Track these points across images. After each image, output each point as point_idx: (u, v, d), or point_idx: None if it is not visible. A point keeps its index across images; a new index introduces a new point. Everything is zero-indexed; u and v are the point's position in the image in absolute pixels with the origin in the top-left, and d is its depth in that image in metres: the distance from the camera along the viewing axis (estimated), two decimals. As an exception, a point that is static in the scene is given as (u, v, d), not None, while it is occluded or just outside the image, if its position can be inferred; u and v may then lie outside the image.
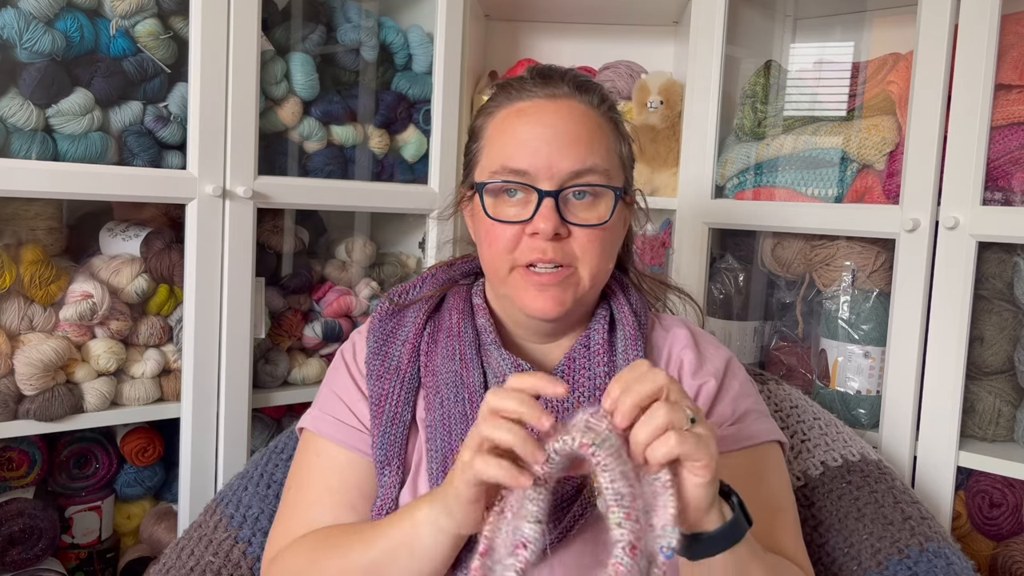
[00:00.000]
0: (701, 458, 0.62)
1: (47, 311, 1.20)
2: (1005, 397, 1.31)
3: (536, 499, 0.62)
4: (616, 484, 0.60)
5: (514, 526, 0.62)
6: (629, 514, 0.59)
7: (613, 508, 0.59)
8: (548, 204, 0.82)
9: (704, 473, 0.63)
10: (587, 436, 0.61)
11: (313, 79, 1.40)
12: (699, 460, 0.62)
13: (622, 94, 1.72)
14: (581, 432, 0.61)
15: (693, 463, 0.63)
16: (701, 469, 0.63)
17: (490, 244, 0.87)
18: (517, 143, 0.84)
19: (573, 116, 0.85)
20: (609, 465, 0.60)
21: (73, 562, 1.35)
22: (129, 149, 1.24)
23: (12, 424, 1.17)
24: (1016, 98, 1.24)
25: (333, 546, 0.83)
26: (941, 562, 0.99)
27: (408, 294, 0.98)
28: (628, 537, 0.58)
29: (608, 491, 0.60)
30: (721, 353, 0.96)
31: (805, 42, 1.64)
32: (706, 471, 0.63)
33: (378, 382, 0.91)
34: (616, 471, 0.60)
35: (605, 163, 0.85)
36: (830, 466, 1.12)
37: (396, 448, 0.87)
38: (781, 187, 1.48)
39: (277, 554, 0.88)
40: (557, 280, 0.84)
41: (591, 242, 0.85)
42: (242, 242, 1.29)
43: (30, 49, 1.13)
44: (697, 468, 0.63)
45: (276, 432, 1.50)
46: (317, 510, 0.88)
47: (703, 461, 0.62)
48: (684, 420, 0.63)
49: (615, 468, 0.60)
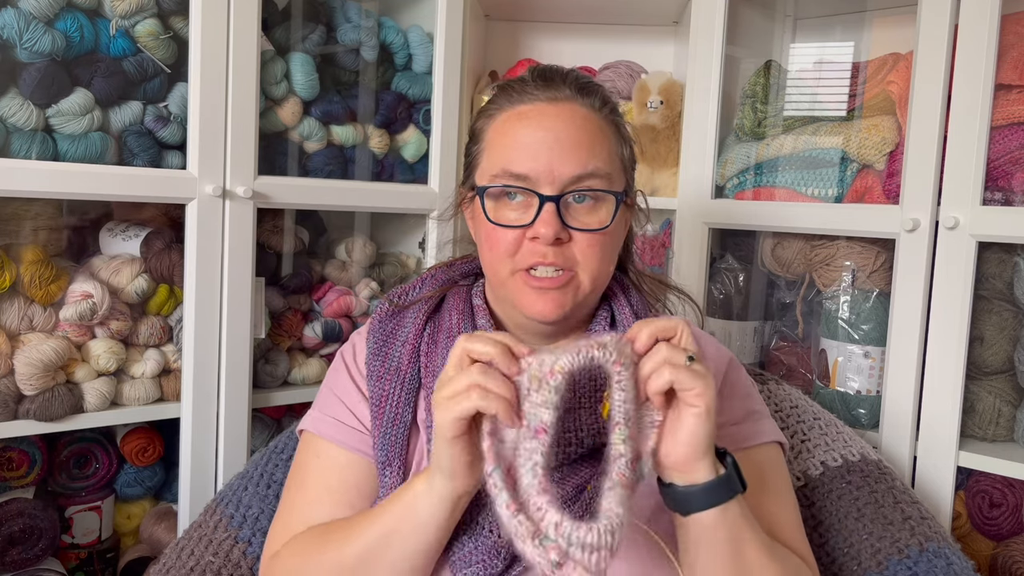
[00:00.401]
0: (695, 387, 0.68)
1: (47, 311, 1.20)
2: (1005, 397, 1.31)
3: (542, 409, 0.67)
4: (627, 405, 0.66)
5: (529, 413, 0.66)
6: (632, 435, 0.66)
7: (621, 426, 0.66)
8: (549, 209, 0.82)
9: (698, 401, 0.68)
10: (620, 355, 0.67)
11: (313, 79, 1.40)
12: (692, 388, 0.68)
13: (622, 94, 1.72)
14: (617, 351, 0.68)
15: (687, 392, 0.68)
16: (695, 397, 0.68)
17: (491, 247, 0.87)
18: (518, 147, 0.84)
19: (574, 120, 0.85)
20: (626, 387, 0.67)
21: (73, 562, 1.35)
22: (129, 149, 1.24)
23: (12, 424, 1.17)
24: (1016, 98, 1.24)
25: (331, 538, 0.83)
26: (941, 562, 0.99)
27: (408, 295, 0.98)
28: (630, 454, 0.65)
29: (619, 411, 0.66)
30: (722, 354, 0.96)
31: (805, 42, 1.64)
32: (700, 399, 0.68)
33: (378, 383, 0.91)
34: (631, 394, 0.67)
35: (606, 167, 0.85)
36: (830, 466, 1.12)
37: (397, 449, 0.87)
38: (781, 187, 1.48)
39: (276, 552, 0.88)
40: (557, 285, 0.84)
41: (591, 247, 0.85)
42: (242, 242, 1.29)
43: (30, 49, 1.13)
44: (691, 396, 0.68)
45: (276, 432, 1.50)
46: (316, 509, 0.88)
47: (696, 389, 0.68)
48: (682, 357, 0.69)
49: (631, 390, 0.67)
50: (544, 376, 0.66)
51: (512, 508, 0.62)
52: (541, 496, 0.62)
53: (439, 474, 0.73)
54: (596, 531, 0.60)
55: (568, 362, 0.66)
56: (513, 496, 0.63)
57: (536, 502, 0.62)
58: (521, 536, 0.61)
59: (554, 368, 0.66)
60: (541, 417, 0.65)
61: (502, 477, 0.64)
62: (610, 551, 0.60)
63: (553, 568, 0.60)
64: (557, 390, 0.65)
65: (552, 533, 0.60)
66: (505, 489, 0.64)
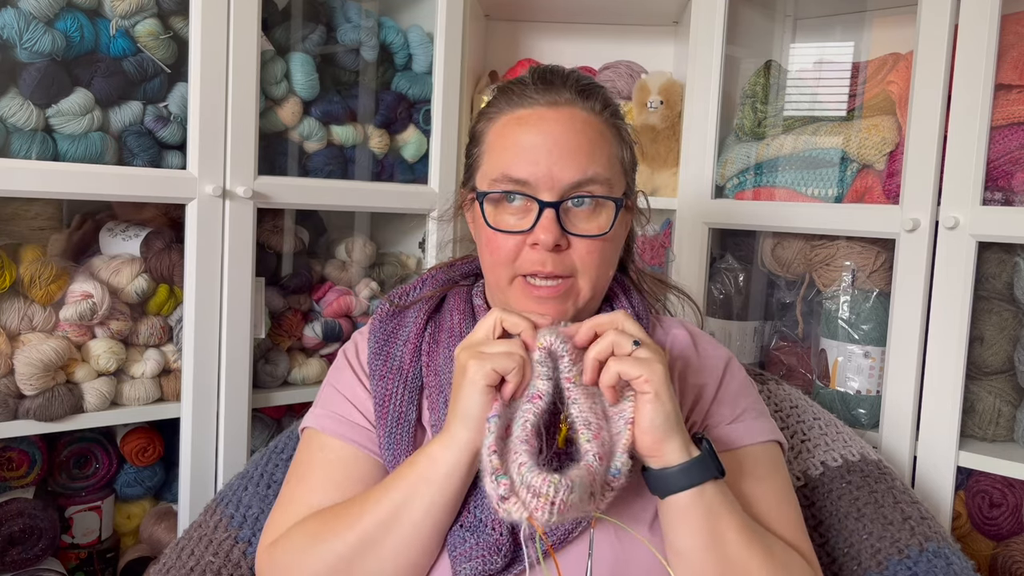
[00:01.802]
0: (640, 373, 0.73)
1: (47, 311, 1.20)
2: (1005, 397, 1.31)
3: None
4: (585, 414, 0.73)
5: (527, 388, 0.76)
6: (597, 435, 0.72)
7: (582, 430, 0.72)
8: (549, 215, 0.82)
9: (647, 387, 0.73)
10: (574, 373, 0.76)
11: (313, 79, 1.40)
12: (639, 375, 0.73)
13: (622, 94, 1.72)
14: (577, 369, 0.76)
15: (635, 380, 0.73)
16: (644, 383, 0.73)
17: (491, 252, 0.87)
18: (517, 152, 0.84)
19: (574, 125, 0.84)
20: (579, 400, 0.74)
21: (73, 562, 1.35)
22: (129, 149, 1.24)
23: (12, 424, 1.17)
24: (1016, 98, 1.24)
25: (343, 511, 0.82)
26: (941, 562, 0.99)
27: (408, 295, 0.98)
28: (596, 449, 0.71)
29: (579, 419, 0.73)
30: (720, 353, 0.96)
31: (805, 42, 1.64)
32: (648, 384, 0.73)
33: (381, 382, 0.91)
34: (584, 405, 0.74)
35: (606, 172, 0.85)
36: (830, 466, 1.12)
37: (404, 448, 0.87)
38: (781, 187, 1.48)
39: (275, 540, 0.87)
40: (556, 294, 0.84)
41: (591, 253, 0.85)
42: (242, 242, 1.29)
43: (30, 49, 1.13)
44: (640, 383, 0.73)
45: (276, 432, 1.50)
46: (319, 498, 0.87)
47: (643, 375, 0.73)
48: (627, 343, 0.75)
49: (584, 403, 0.74)
50: (540, 348, 0.76)
51: (491, 448, 0.70)
52: (522, 445, 0.70)
53: (460, 425, 0.77)
54: (544, 478, 0.66)
55: (547, 341, 0.76)
56: (497, 442, 0.71)
57: (516, 448, 0.70)
58: (486, 470, 0.69)
59: (538, 344, 0.76)
60: (537, 385, 0.74)
61: (497, 424, 0.72)
62: (549, 503, 0.65)
63: (499, 501, 0.67)
64: (543, 363, 0.75)
65: (515, 471, 0.68)
66: (494, 433, 0.71)
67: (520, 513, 0.66)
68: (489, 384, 0.74)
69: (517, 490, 0.67)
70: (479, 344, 0.77)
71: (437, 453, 0.78)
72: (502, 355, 0.75)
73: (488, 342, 0.77)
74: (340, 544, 0.80)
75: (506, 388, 0.75)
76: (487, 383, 0.74)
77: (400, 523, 0.78)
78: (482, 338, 0.79)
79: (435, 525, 0.79)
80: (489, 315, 0.79)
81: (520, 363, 0.74)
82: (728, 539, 0.76)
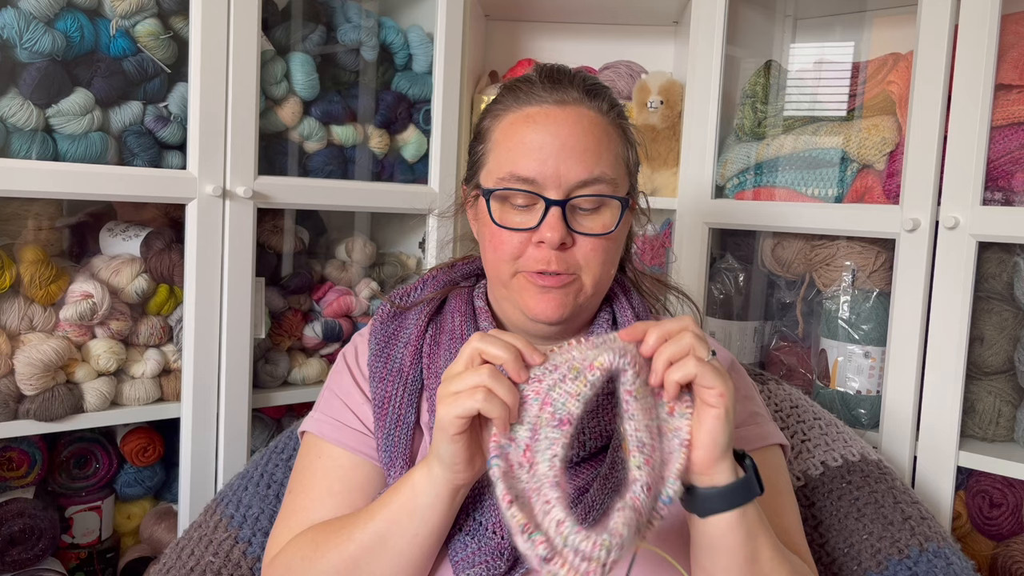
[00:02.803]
0: (715, 385, 0.66)
1: (47, 311, 1.20)
2: (1005, 397, 1.31)
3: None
4: (640, 433, 0.65)
5: (552, 406, 0.66)
6: (648, 460, 0.64)
7: (634, 452, 0.64)
8: (555, 213, 0.82)
9: (719, 402, 0.67)
10: (637, 385, 0.67)
11: (313, 79, 1.40)
12: (714, 387, 0.66)
13: (622, 94, 1.71)
14: (641, 381, 0.67)
15: (708, 391, 0.67)
16: (716, 397, 0.67)
17: (495, 249, 0.87)
18: (525, 150, 0.84)
19: (582, 124, 0.84)
20: (636, 415, 0.66)
21: (73, 562, 1.35)
22: (129, 149, 1.24)
23: (12, 424, 1.17)
24: (1016, 98, 1.24)
25: (334, 531, 0.83)
26: (941, 562, 0.99)
27: (409, 296, 0.98)
28: (646, 479, 0.63)
29: (632, 438, 0.65)
30: (722, 356, 0.96)
31: (805, 42, 1.64)
32: (721, 399, 0.67)
33: (381, 384, 0.91)
34: (642, 422, 0.66)
35: (612, 172, 0.85)
36: (830, 466, 1.12)
37: (401, 450, 0.87)
38: (781, 187, 1.48)
39: (276, 555, 0.88)
40: (560, 284, 0.84)
41: (595, 251, 0.85)
42: (242, 242, 1.29)
43: (30, 49, 1.13)
44: (712, 396, 0.67)
45: (276, 432, 1.50)
46: (319, 510, 0.88)
47: (718, 388, 0.67)
48: (706, 351, 0.68)
49: (641, 419, 0.66)
50: (584, 368, 0.66)
51: (507, 500, 0.63)
52: (553, 490, 0.62)
53: (438, 465, 0.73)
54: (593, 541, 0.59)
55: (608, 360, 0.66)
56: (509, 487, 0.64)
57: (547, 495, 0.62)
58: (513, 528, 0.62)
59: (594, 363, 0.66)
60: (569, 408, 0.65)
61: (501, 469, 0.65)
62: (601, 566, 0.59)
63: (542, 561, 0.60)
64: (593, 385, 0.65)
65: (553, 530, 0.60)
66: (502, 480, 0.64)
67: (568, 573, 0.60)
68: (457, 432, 0.69)
69: (561, 551, 0.60)
70: (450, 380, 0.71)
71: (419, 484, 0.76)
72: (464, 394, 0.68)
73: (456, 378, 0.70)
74: (328, 566, 0.80)
75: (496, 423, 0.68)
76: (454, 432, 0.69)
77: (385, 550, 0.78)
78: (458, 371, 0.71)
79: (420, 552, 0.78)
80: (468, 343, 0.72)
81: (484, 397, 0.67)
82: (763, 559, 0.73)
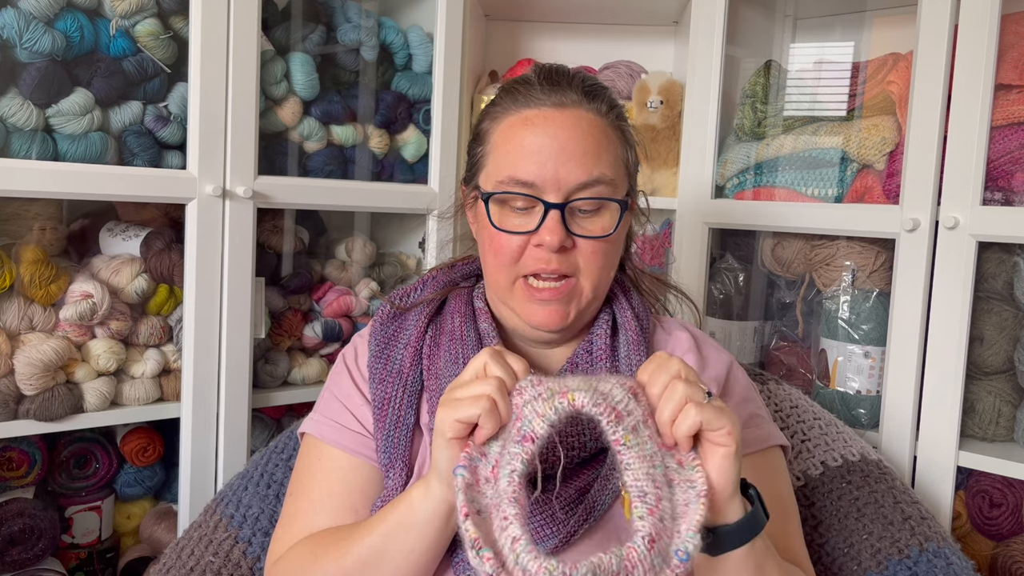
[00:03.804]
0: (723, 424, 0.65)
1: (47, 311, 1.20)
2: (1005, 397, 1.31)
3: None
4: (640, 483, 0.62)
5: (518, 426, 0.65)
6: (652, 511, 0.61)
7: (636, 504, 0.62)
8: (554, 216, 0.82)
9: (728, 440, 0.65)
10: (621, 434, 0.64)
11: (313, 79, 1.40)
12: (722, 427, 0.65)
13: (622, 94, 1.71)
14: (624, 429, 0.64)
15: (716, 432, 0.65)
16: (725, 436, 0.65)
17: (495, 254, 0.86)
18: (524, 153, 0.84)
19: (580, 126, 0.84)
20: (632, 465, 0.63)
21: (73, 562, 1.35)
22: (129, 149, 1.24)
23: (12, 424, 1.17)
24: (1016, 98, 1.24)
25: (333, 543, 0.83)
26: (941, 562, 0.99)
27: (409, 297, 0.98)
28: (649, 530, 0.60)
29: (632, 488, 0.62)
30: (723, 357, 0.96)
31: (805, 42, 1.64)
32: (730, 437, 0.65)
33: (380, 386, 0.91)
34: (640, 471, 0.63)
35: (611, 174, 0.85)
36: (830, 466, 1.12)
37: (400, 451, 0.87)
38: (781, 187, 1.48)
39: (277, 560, 0.88)
40: (559, 296, 0.84)
41: (594, 253, 0.85)
42: (242, 242, 1.29)
43: (30, 49, 1.13)
44: (721, 436, 0.65)
45: (276, 432, 1.50)
46: (319, 514, 0.88)
47: (726, 427, 0.65)
48: (701, 395, 0.67)
49: (639, 468, 0.63)
50: (557, 393, 0.65)
51: (464, 512, 0.62)
52: (511, 506, 0.61)
53: (436, 477, 0.73)
54: (540, 564, 0.57)
55: (585, 400, 0.64)
56: (471, 500, 0.63)
57: (505, 511, 0.61)
58: (465, 542, 0.61)
59: (569, 393, 0.64)
60: (534, 426, 0.64)
61: (464, 479, 0.65)
62: None
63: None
64: (557, 411, 0.64)
65: (507, 547, 0.59)
66: (463, 492, 0.64)
67: None
68: (455, 437, 0.69)
69: (511, 570, 0.58)
70: (457, 387, 0.71)
71: (416, 501, 0.76)
72: (468, 401, 0.68)
73: (461, 385, 0.71)
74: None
75: (478, 434, 0.68)
76: (452, 436, 0.69)
77: (381, 565, 0.78)
78: (464, 380, 0.72)
79: (417, 567, 0.78)
80: (477, 357, 0.73)
81: (488, 407, 0.67)
82: None
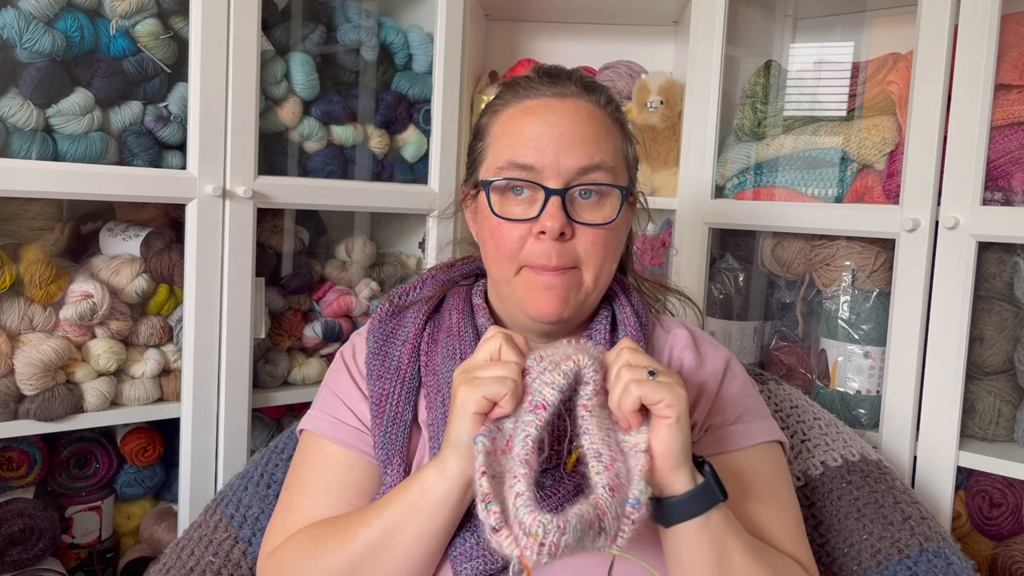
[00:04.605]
0: (662, 397, 0.71)
1: (47, 311, 1.20)
2: (1005, 397, 1.31)
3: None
4: (596, 446, 0.69)
5: (531, 395, 0.72)
6: (608, 467, 0.67)
7: (593, 462, 0.68)
8: (555, 202, 0.82)
9: (669, 411, 0.71)
10: (593, 402, 0.72)
11: (313, 79, 1.40)
12: (660, 399, 0.71)
13: (622, 94, 1.72)
14: (596, 398, 0.73)
15: (656, 405, 0.71)
16: (666, 408, 0.71)
17: (496, 244, 0.87)
18: (524, 139, 0.85)
19: (580, 114, 0.85)
20: (591, 430, 0.70)
21: (73, 562, 1.35)
22: (129, 149, 1.24)
23: (12, 424, 1.17)
24: (1016, 98, 1.24)
25: (336, 530, 0.83)
26: (941, 562, 0.99)
27: (408, 295, 0.98)
28: (607, 481, 0.66)
29: (589, 450, 0.69)
30: (721, 354, 0.96)
31: (805, 42, 1.64)
32: (671, 409, 0.71)
33: (378, 382, 0.91)
34: (597, 436, 0.70)
35: (612, 161, 0.86)
36: (830, 466, 1.12)
37: (398, 447, 0.87)
38: (781, 187, 1.48)
39: (274, 550, 0.88)
40: (562, 279, 0.84)
41: (596, 243, 0.85)
42: (242, 242, 1.29)
43: (30, 49, 1.13)
44: (662, 408, 0.71)
45: (276, 432, 1.50)
46: (315, 507, 0.88)
47: (665, 400, 0.71)
48: (642, 374, 0.72)
49: (597, 434, 0.70)
50: (560, 360, 0.72)
51: (481, 471, 0.67)
52: (522, 466, 0.66)
53: (453, 454, 0.75)
54: (534, 517, 0.61)
55: (583, 359, 0.73)
56: (490, 462, 0.68)
57: (515, 470, 0.66)
58: (478, 496, 0.66)
59: (570, 356, 0.72)
60: (544, 394, 0.70)
61: (484, 444, 0.69)
62: (538, 544, 0.61)
63: (491, 531, 0.63)
64: (566, 375, 0.71)
65: (511, 501, 0.64)
66: (482, 454, 0.68)
67: (511, 549, 0.62)
68: (478, 412, 0.72)
69: (511, 523, 0.63)
70: (475, 368, 0.75)
71: (429, 481, 0.77)
72: (494, 380, 0.72)
73: (483, 366, 0.75)
74: (332, 563, 0.80)
75: (495, 412, 0.72)
76: (476, 411, 0.72)
77: (391, 547, 0.78)
78: (480, 361, 0.76)
79: (427, 550, 0.78)
80: (492, 338, 0.76)
81: (512, 388, 0.72)
82: (734, 563, 0.74)
